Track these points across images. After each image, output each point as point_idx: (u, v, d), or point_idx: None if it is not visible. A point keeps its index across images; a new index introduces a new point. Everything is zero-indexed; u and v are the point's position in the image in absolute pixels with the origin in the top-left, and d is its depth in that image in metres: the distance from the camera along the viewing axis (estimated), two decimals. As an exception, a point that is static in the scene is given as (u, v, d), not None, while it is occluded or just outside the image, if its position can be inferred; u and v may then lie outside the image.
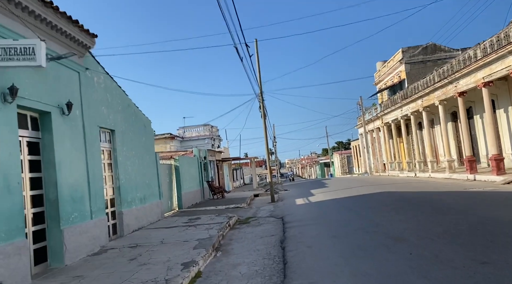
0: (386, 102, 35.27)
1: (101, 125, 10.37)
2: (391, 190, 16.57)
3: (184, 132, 41.03)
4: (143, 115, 13.89)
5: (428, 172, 26.51)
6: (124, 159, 11.69)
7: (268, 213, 14.82)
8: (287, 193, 24.71)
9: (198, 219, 13.57)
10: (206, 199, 22.83)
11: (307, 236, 8.53)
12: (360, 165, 58.59)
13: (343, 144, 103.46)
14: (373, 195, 15.42)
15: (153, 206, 13.73)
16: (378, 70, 45.26)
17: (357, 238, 7.54)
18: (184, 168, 18.86)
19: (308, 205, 15.58)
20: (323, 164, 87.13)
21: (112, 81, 11.45)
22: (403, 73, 36.86)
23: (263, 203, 20.01)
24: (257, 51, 19.09)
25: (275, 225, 11.24)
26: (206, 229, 11.09)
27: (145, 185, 13.25)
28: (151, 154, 14.35)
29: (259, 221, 12.84)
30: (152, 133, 14.71)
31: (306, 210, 13.86)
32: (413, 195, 13.94)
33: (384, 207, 11.30)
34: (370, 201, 13.37)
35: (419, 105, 27.07)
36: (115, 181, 11.13)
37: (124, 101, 12.21)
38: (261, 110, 19.32)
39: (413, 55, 36.39)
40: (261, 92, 19.33)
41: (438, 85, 23.12)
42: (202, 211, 17.02)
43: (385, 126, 36.59)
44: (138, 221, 12.16)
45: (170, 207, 17.25)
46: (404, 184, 20.01)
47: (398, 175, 32.60)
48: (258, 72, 19.07)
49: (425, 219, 8.51)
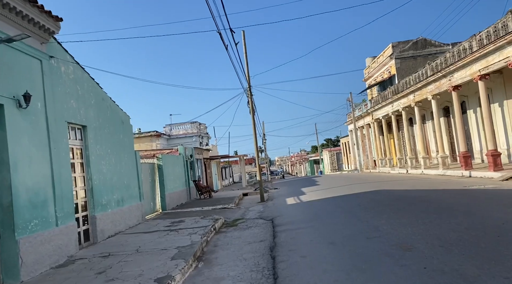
0: (377, 98, 34.61)
1: (70, 121, 9.30)
2: (386, 188, 15.78)
3: (171, 130, 39.85)
4: (120, 110, 12.81)
5: (421, 168, 25.89)
6: (98, 158, 10.63)
7: (257, 214, 13.89)
8: (277, 192, 23.82)
9: (181, 222, 12.58)
10: (193, 199, 21.81)
11: (300, 243, 7.62)
12: (349, 162, 58.04)
13: (332, 141, 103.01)
14: (368, 193, 14.59)
15: (132, 208, 12.69)
16: (368, 66, 44.65)
17: (357, 245, 6.65)
18: (168, 167, 17.82)
19: (300, 205, 14.69)
20: (312, 161, 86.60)
21: (83, 72, 10.37)
22: (393, 68, 36.26)
23: (252, 202, 19.08)
24: (245, 44, 18.11)
25: (264, 229, 10.31)
26: (188, 234, 10.11)
27: (123, 186, 12.20)
28: (130, 152, 13.29)
29: (247, 223, 11.91)
30: (131, 130, 13.64)
31: (297, 210, 12.96)
32: (411, 193, 13.15)
33: (382, 207, 10.45)
34: (366, 200, 12.52)
35: (411, 100, 26.40)
36: (88, 182, 10.07)
37: (98, 95, 11.13)
38: (250, 106, 18.36)
39: (403, 50, 35.81)
40: (249, 86, 18.36)
41: (431, 79, 22.43)
42: (187, 212, 16.01)
43: (376, 123, 35.95)
44: (114, 225, 11.12)
45: (153, 208, 16.20)
46: (398, 182, 19.26)
47: (389, 171, 31.98)
48: (246, 65, 18.10)
49: (431, 222, 7.66)
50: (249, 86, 18.26)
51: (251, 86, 18.31)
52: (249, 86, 18.24)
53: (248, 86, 18.21)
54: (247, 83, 18.34)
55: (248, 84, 18.27)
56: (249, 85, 18.18)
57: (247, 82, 18.23)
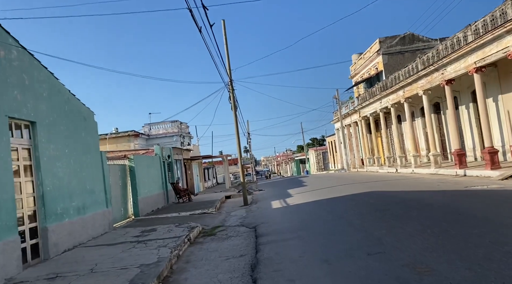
0: (364, 95, 33.60)
1: (12, 115, 7.77)
2: (379, 189, 14.59)
3: (150, 130, 38.13)
4: (82, 105, 11.27)
5: (411, 167, 24.90)
6: (52, 159, 9.11)
7: (239, 220, 12.52)
8: (262, 194, 22.48)
9: (152, 231, 11.12)
10: (171, 203, 20.30)
11: (287, 260, 6.28)
12: (336, 161, 57.13)
13: (318, 140, 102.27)
14: (360, 196, 13.37)
15: (96, 216, 11.17)
16: (354, 62, 43.71)
17: (358, 264, 5.35)
18: (142, 169, 16.29)
19: (286, 209, 13.36)
20: (298, 161, 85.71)
21: (32, 59, 8.84)
22: (380, 64, 35.31)
23: (234, 206, 17.69)
24: (225, 33, 16.69)
25: (246, 239, 8.94)
26: (157, 247, 8.68)
27: (85, 191, 10.68)
28: (95, 152, 11.76)
29: (227, 232, 10.53)
30: (96, 128, 12.10)
31: (284, 216, 11.62)
32: (408, 195, 11.96)
33: (379, 212, 9.19)
34: (360, 204, 11.27)
35: (401, 96, 25.39)
36: (37, 187, 8.54)
37: (52, 86, 9.59)
38: (231, 101, 16.97)
39: (391, 45, 34.89)
40: (231, 80, 16.97)
41: (423, 74, 21.41)
42: (162, 219, 14.53)
43: (363, 120, 34.95)
44: (73, 237, 9.61)
45: (124, 215, 14.68)
46: (389, 182, 18.12)
47: (378, 170, 31.00)
48: (227, 57, 16.68)
49: (443, 232, 6.41)
50: (230, 80, 16.87)
51: (232, 80, 16.92)
52: (230, 80, 16.85)
53: (229, 80, 16.82)
54: (228, 77, 16.95)
55: (229, 77, 16.88)
56: (230, 79, 16.79)
57: (228, 76, 16.84)
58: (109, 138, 34.96)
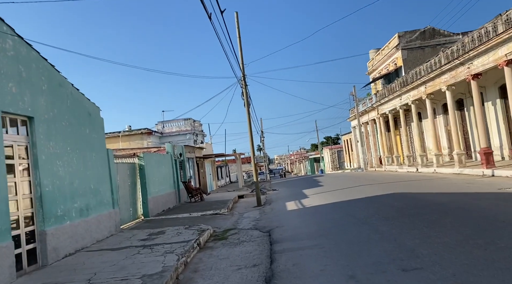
0: (383, 91, 32.45)
1: (7, 110, 7.15)
2: (402, 191, 13.64)
3: (163, 128, 37.70)
4: (86, 100, 10.65)
5: (433, 166, 23.76)
6: (52, 158, 8.48)
7: (252, 222, 11.75)
8: (276, 194, 21.68)
9: (160, 234, 10.44)
10: (183, 202, 19.67)
11: (307, 274, 5.48)
12: (352, 160, 55.92)
13: (332, 139, 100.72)
14: (382, 198, 12.46)
15: (102, 218, 10.55)
16: (372, 58, 42.50)
17: (393, 283, 4.51)
18: (152, 167, 15.66)
19: (303, 211, 12.54)
20: (312, 159, 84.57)
21: (31, 50, 8.21)
22: (399, 60, 34.11)
23: (247, 207, 16.95)
24: (238, 27, 15.92)
25: (259, 245, 8.17)
26: (164, 253, 7.97)
27: (89, 191, 10.06)
28: (100, 150, 11.14)
29: (240, 235, 9.78)
30: (102, 124, 11.48)
31: (300, 219, 10.81)
32: (436, 198, 11.01)
33: (407, 218, 8.30)
34: (384, 207, 10.36)
35: (422, 92, 24.24)
36: (35, 188, 7.92)
37: (53, 79, 8.97)
38: (244, 97, 16.21)
39: (410, 40, 33.66)
40: (243, 75, 16.20)
41: (446, 68, 20.28)
42: (172, 220, 13.88)
43: (381, 118, 33.80)
44: (75, 241, 8.98)
45: (133, 215, 14.07)
46: (412, 182, 17.11)
47: (397, 170, 29.88)
48: (240, 51, 15.91)
49: (489, 244, 5.51)
50: (243, 75, 16.10)
51: (245, 76, 16.15)
52: (243, 74, 16.08)
53: (242, 74, 16.05)
54: (241, 72, 16.19)
55: (242, 72, 16.12)
56: (243, 74, 16.02)
57: (241, 71, 16.08)
58: (122, 136, 34.61)
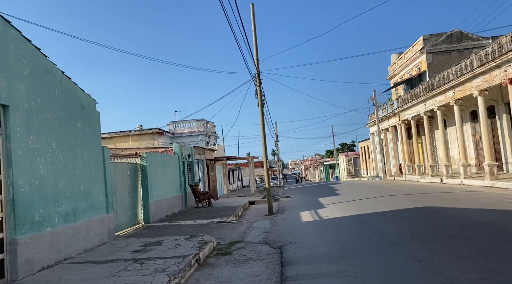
0: (405, 96, 30.74)
1: (-28, 95, 5.99)
2: (434, 205, 12.07)
3: (175, 128, 36.71)
4: (79, 90, 9.48)
5: (459, 177, 22.01)
6: (31, 154, 7.31)
7: (261, 235, 10.40)
8: (289, 202, 20.24)
9: (157, 245, 9.18)
10: (189, 207, 18.43)
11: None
12: (369, 168, 54.05)
13: (348, 146, 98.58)
14: (412, 212, 10.95)
15: (92, 224, 9.34)
16: (393, 63, 40.76)
17: None
18: (156, 169, 14.47)
19: (319, 224, 11.12)
20: (327, 166, 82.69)
21: (8, 27, 7.06)
22: (423, 64, 32.37)
23: (258, 215, 15.60)
24: (254, 19, 14.67)
25: (268, 266, 6.82)
26: (154, 271, 6.70)
27: (78, 193, 8.87)
28: (94, 148, 9.95)
29: (246, 251, 8.45)
30: (97, 119, 10.30)
31: (317, 234, 9.39)
32: (479, 215, 9.45)
33: (450, 240, 6.83)
34: (415, 224, 8.88)
35: (450, 97, 22.55)
36: (7, 189, 6.74)
37: (37, 64, 7.81)
38: (258, 96, 14.91)
39: (436, 44, 31.90)
40: (258, 72, 14.91)
41: (479, 71, 18.61)
42: (174, 227, 12.64)
43: (403, 124, 32.06)
44: (56, 250, 7.77)
45: (132, 220, 12.88)
46: (441, 195, 15.50)
47: (418, 180, 28.10)
48: (255, 46, 14.65)
49: None
50: (257, 72, 14.81)
51: (260, 72, 14.86)
52: (257, 71, 14.79)
53: (257, 71, 14.76)
54: (255, 68, 14.90)
55: (256, 69, 14.83)
56: (257, 70, 14.73)
57: (256, 67, 14.79)
58: (133, 135, 33.73)
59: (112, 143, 33.67)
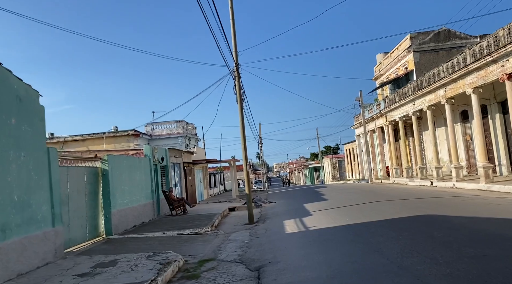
0: (393, 96, 29.65)
1: None
2: (434, 212, 10.70)
3: (153, 130, 34.85)
4: (15, 80, 7.80)
5: (451, 180, 20.89)
6: None
7: (238, 250, 8.85)
8: (272, 208, 18.72)
9: (110, 266, 7.54)
10: (162, 215, 16.74)
11: None
12: (354, 171, 53.05)
13: (332, 149, 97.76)
14: (411, 221, 9.56)
15: (31, 240, 7.65)
16: (379, 62, 39.81)
17: None
18: (120, 173, 12.78)
19: (306, 236, 9.61)
20: (312, 169, 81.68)
21: None
22: (411, 63, 31.41)
23: (237, 223, 14.05)
24: (232, 7, 13.14)
25: (241, 299, 5.27)
26: (89, 309, 5.07)
27: (9, 204, 7.18)
28: (36, 149, 8.26)
29: (217, 274, 6.90)
30: (41, 114, 8.62)
31: (303, 251, 7.86)
32: (489, 226, 8.11)
33: (470, 263, 5.40)
34: (420, 238, 7.45)
35: (441, 96, 21.45)
36: None
37: None
38: (237, 91, 13.39)
39: (423, 42, 30.99)
40: (237, 65, 13.38)
41: (474, 67, 17.50)
42: (139, 240, 10.98)
43: (390, 125, 30.97)
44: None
45: (91, 233, 11.16)
46: (437, 200, 14.23)
47: (407, 183, 26.98)
48: (233, 35, 13.11)
49: None
50: (236, 65, 13.29)
51: (238, 65, 13.35)
52: (236, 64, 13.26)
53: (235, 64, 13.24)
54: (233, 61, 13.35)
55: (234, 61, 13.30)
56: (236, 63, 13.21)
57: (234, 59, 13.26)
58: (107, 137, 31.79)
59: (85, 145, 31.73)
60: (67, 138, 31.41)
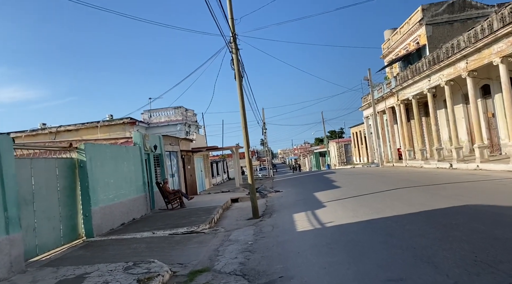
0: (404, 73, 27.57)
1: None
2: (476, 202, 8.89)
3: (151, 117, 33.06)
4: None
5: (475, 161, 19.01)
6: None
7: (239, 255, 7.09)
8: (279, 198, 16.95)
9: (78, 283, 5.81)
10: (156, 210, 15.05)
11: None
12: (361, 154, 51.16)
13: (337, 133, 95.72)
14: (452, 215, 7.75)
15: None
16: (387, 39, 37.52)
17: None
18: (102, 164, 11.02)
19: (323, 237, 7.82)
20: (318, 154, 79.79)
21: None
22: (423, 37, 29.20)
23: (240, 218, 12.32)
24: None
25: None
26: None
27: None
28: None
29: (211, 295, 5.14)
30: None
31: (323, 260, 6.07)
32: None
33: None
34: (475, 239, 5.66)
35: (462, 69, 19.40)
36: None
37: None
38: (235, 66, 11.51)
39: (436, 14, 28.71)
40: (234, 36, 11.47)
41: (502, 33, 15.45)
42: (123, 243, 9.27)
43: (402, 105, 28.96)
44: None
45: (67, 236, 9.46)
46: (471, 185, 12.40)
47: (422, 165, 25.15)
48: (227, 0, 11.15)
49: None
50: (233, 36, 11.37)
51: (236, 36, 11.44)
52: (233, 35, 11.35)
53: (232, 34, 11.33)
54: (230, 30, 11.43)
55: (231, 31, 11.39)
56: (232, 33, 11.29)
57: (230, 28, 11.35)
58: (101, 126, 30.08)
59: (79, 135, 30.07)
60: (60, 129, 29.77)
